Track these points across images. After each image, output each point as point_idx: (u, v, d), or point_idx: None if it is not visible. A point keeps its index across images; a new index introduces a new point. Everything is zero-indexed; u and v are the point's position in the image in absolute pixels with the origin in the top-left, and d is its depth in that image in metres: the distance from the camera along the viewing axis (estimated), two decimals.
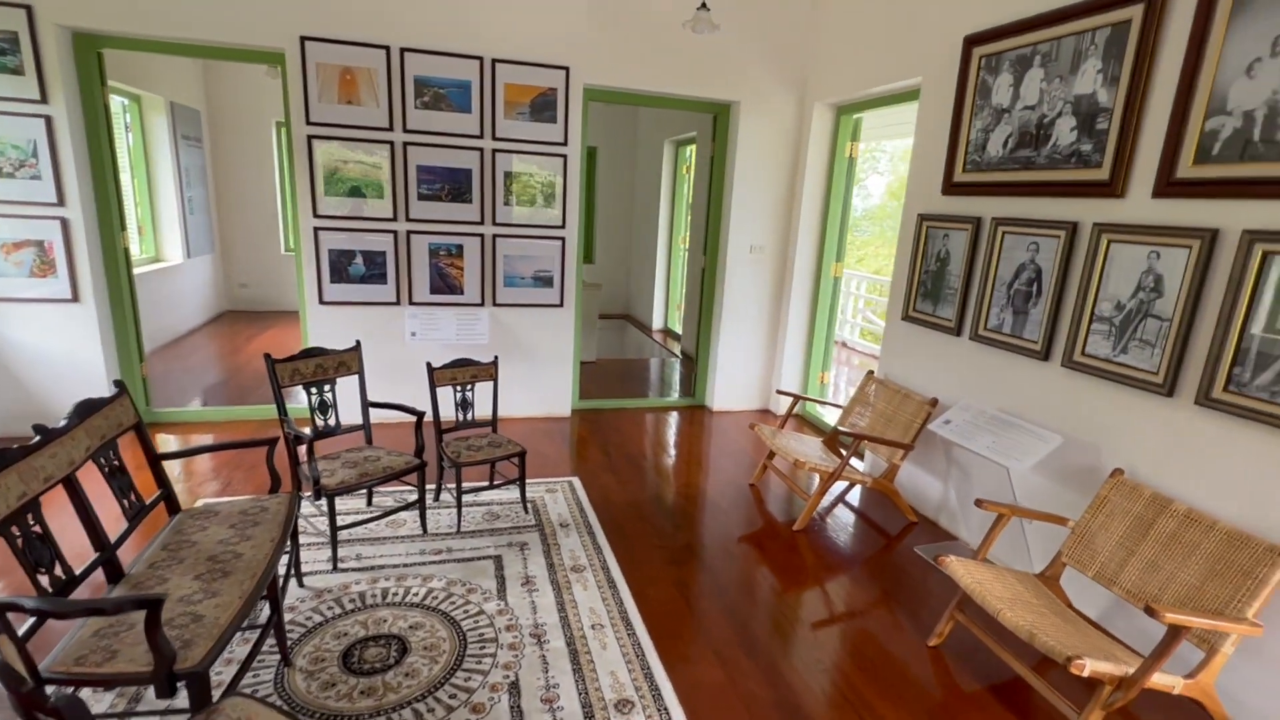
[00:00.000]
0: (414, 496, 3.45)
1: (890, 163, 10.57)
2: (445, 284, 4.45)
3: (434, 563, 2.87)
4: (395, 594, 2.62)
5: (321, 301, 4.26)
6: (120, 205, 4.02)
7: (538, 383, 4.77)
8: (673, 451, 4.38)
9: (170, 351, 6.25)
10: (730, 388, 5.22)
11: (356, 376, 3.18)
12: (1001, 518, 2.52)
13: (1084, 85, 2.69)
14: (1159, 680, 1.94)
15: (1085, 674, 1.86)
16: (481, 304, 4.54)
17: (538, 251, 4.58)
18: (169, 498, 2.34)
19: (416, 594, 2.63)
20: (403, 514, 3.23)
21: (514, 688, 2.16)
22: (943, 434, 3.07)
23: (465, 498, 3.44)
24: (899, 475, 3.56)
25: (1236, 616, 1.97)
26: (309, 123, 4.00)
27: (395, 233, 4.29)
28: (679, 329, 8.12)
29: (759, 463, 4.21)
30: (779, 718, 2.12)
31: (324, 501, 3.18)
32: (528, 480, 3.67)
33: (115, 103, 3.97)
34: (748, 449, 4.46)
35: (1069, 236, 2.75)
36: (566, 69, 4.34)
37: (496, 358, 3.50)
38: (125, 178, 5.43)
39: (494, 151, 4.34)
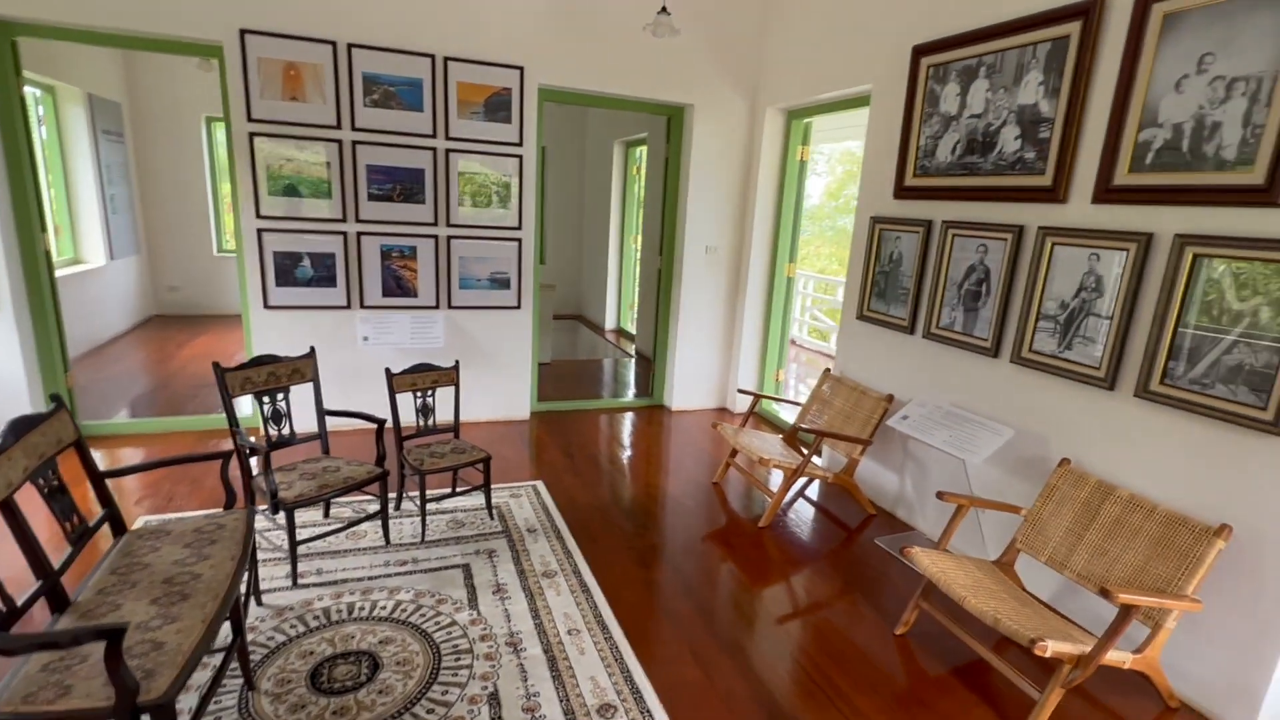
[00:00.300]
0: (374, 507, 3.35)
1: (828, 164, 10.88)
2: (398, 287, 4.33)
3: (400, 574, 2.79)
4: (362, 608, 2.54)
5: (266, 306, 4.08)
6: (40, 204, 3.75)
7: (496, 386, 4.69)
8: (635, 452, 4.39)
9: (94, 360, 5.86)
10: (688, 387, 5.27)
11: (311, 384, 3.06)
12: (961, 508, 2.63)
13: (1027, 96, 2.84)
14: (1112, 657, 2.07)
15: (1048, 655, 1.96)
16: (436, 307, 4.44)
17: (494, 253, 4.51)
18: (114, 518, 2.20)
19: (384, 607, 2.55)
20: (363, 525, 3.13)
21: (494, 699, 2.12)
22: (901, 429, 3.19)
23: (428, 506, 3.36)
24: (858, 470, 3.67)
25: (1178, 594, 2.11)
26: (250, 119, 3.82)
27: (345, 234, 4.14)
28: (633, 329, 8.14)
29: (720, 461, 4.26)
30: (759, 713, 2.16)
31: (281, 516, 3.05)
32: (491, 485, 3.61)
33: (27, 94, 3.69)
34: (708, 448, 4.51)
35: (1015, 239, 2.90)
36: (521, 69, 4.29)
37: (458, 362, 3.43)
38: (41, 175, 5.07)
39: (447, 151, 4.25)
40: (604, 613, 2.61)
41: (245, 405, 4.32)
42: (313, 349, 3.09)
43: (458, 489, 3.49)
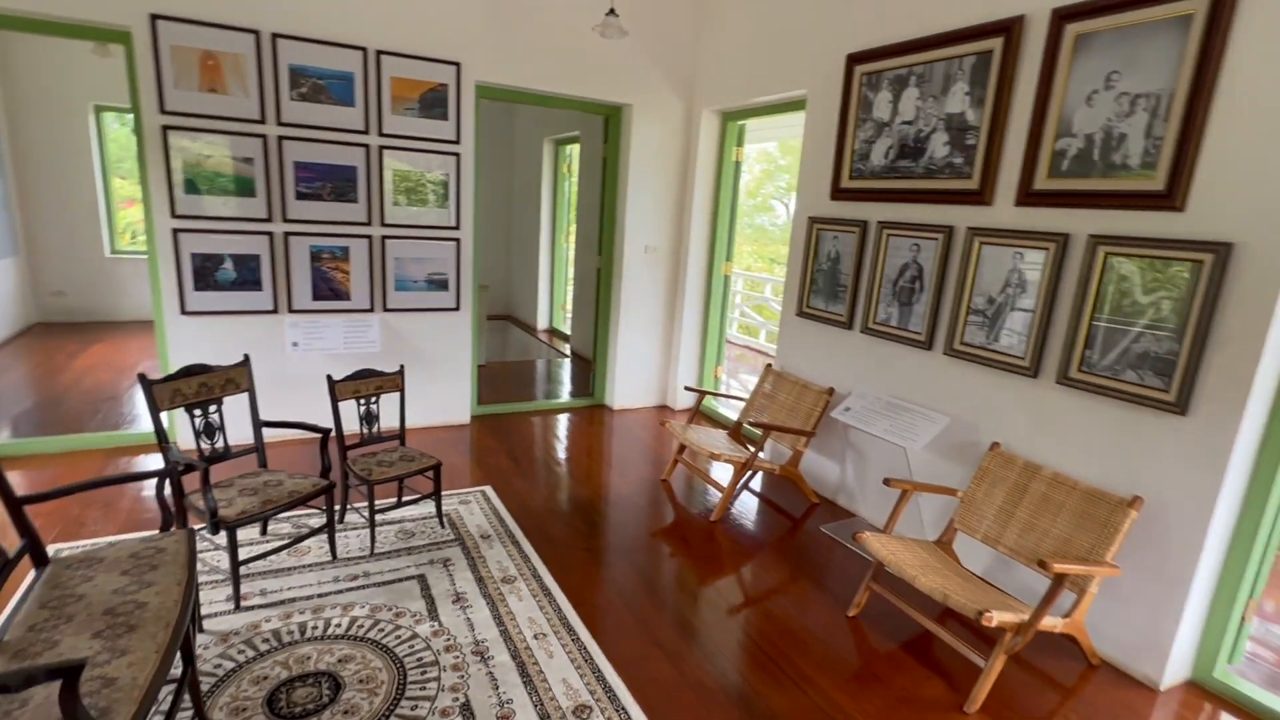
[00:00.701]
0: (316, 521, 3.19)
1: (746, 164, 11.19)
2: (330, 289, 4.14)
3: (352, 589, 2.68)
4: (315, 627, 2.42)
5: (184, 312, 3.81)
6: None
7: (435, 390, 4.57)
8: (581, 453, 4.38)
9: None
10: (629, 386, 5.30)
11: (246, 394, 2.89)
12: (905, 493, 2.79)
13: (954, 105, 3.03)
14: (1045, 622, 2.26)
15: (993, 624, 2.12)
16: (371, 310, 4.27)
17: (431, 253, 4.38)
18: (34, 548, 2.01)
19: (339, 625, 2.45)
20: (307, 541, 2.98)
21: (466, 709, 2.08)
22: (844, 420, 3.34)
23: (366, 514, 3.23)
24: (802, 461, 3.81)
25: (1099, 561, 2.33)
26: (164, 111, 3.55)
27: (271, 234, 3.92)
28: (567, 329, 8.10)
29: (666, 458, 4.32)
30: (730, 701, 2.22)
31: (221, 535, 2.87)
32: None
33: None
34: (654, 445, 4.56)
35: (946, 239, 3.09)
36: (458, 65, 4.19)
37: (402, 367, 3.32)
38: None
39: (381, 148, 4.10)
40: (569, 615, 2.60)
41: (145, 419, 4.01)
42: (246, 357, 2.92)
43: (404, 498, 3.39)
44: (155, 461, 3.75)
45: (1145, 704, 2.34)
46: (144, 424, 4.31)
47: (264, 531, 3.07)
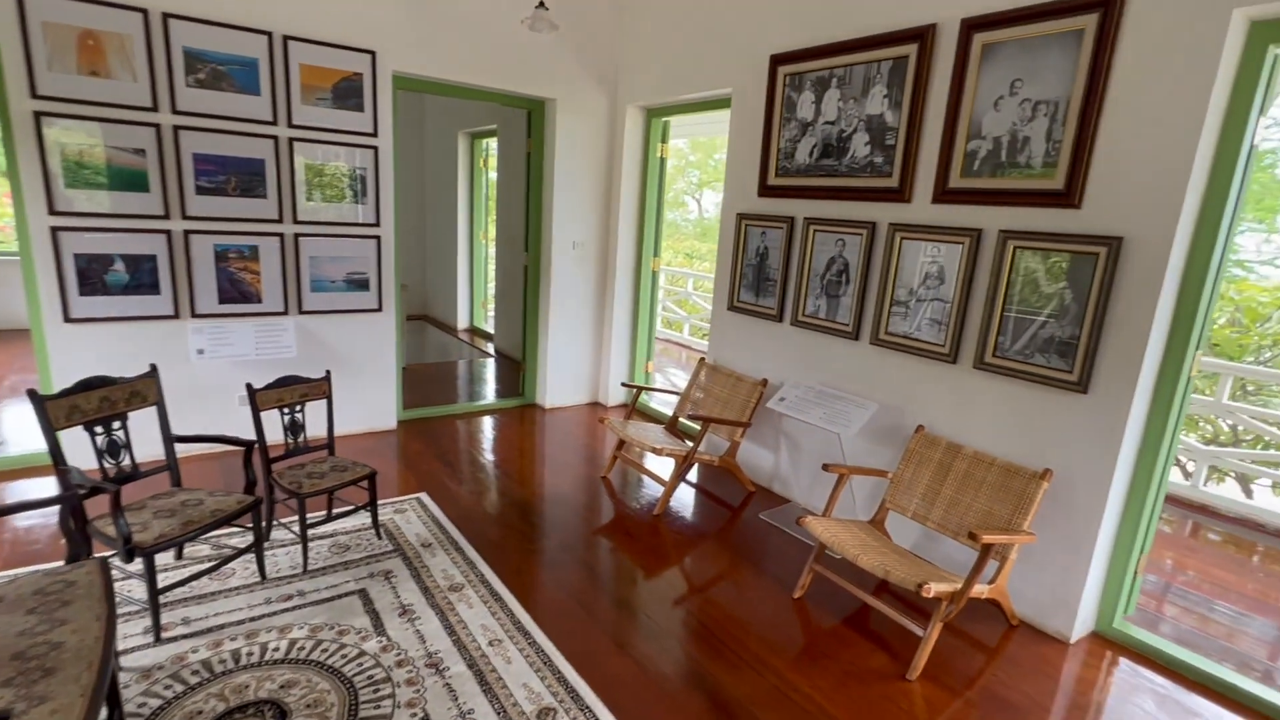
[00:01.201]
0: (239, 540, 2.98)
1: None
2: (238, 291, 3.86)
3: (287, 610, 2.52)
4: (250, 654, 2.27)
5: (68, 319, 3.44)
6: None
7: (359, 396, 4.36)
8: (517, 453, 4.31)
9: None
10: (561, 384, 5.26)
11: (155, 408, 2.66)
12: (842, 477, 2.92)
13: (874, 107, 3.20)
14: (975, 590, 2.44)
15: (931, 595, 2.26)
16: (285, 312, 4.02)
17: (350, 251, 4.17)
18: None
19: (277, 649, 2.30)
20: (231, 562, 2.78)
21: None
22: (780, 410, 3.46)
23: (296, 529, 3.05)
24: (738, 451, 3.91)
25: (1018, 530, 2.53)
26: (35, 96, 3.19)
27: (168, 232, 3.61)
28: (489, 328, 7.92)
29: (603, 455, 4.33)
30: (693, 691, 2.26)
31: (137, 562, 2.62)
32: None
33: None
34: (590, 442, 4.55)
35: (869, 234, 3.26)
36: (373, 53, 4.00)
37: (329, 372, 3.14)
38: None
39: (291, 140, 3.85)
40: (522, 618, 2.57)
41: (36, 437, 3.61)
42: (154, 367, 2.68)
43: (335, 511, 3.22)
44: (37, 488, 3.38)
45: (1058, 656, 2.58)
46: (16, 447, 3.88)
47: (179, 556, 2.83)
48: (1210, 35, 2.19)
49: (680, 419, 4.12)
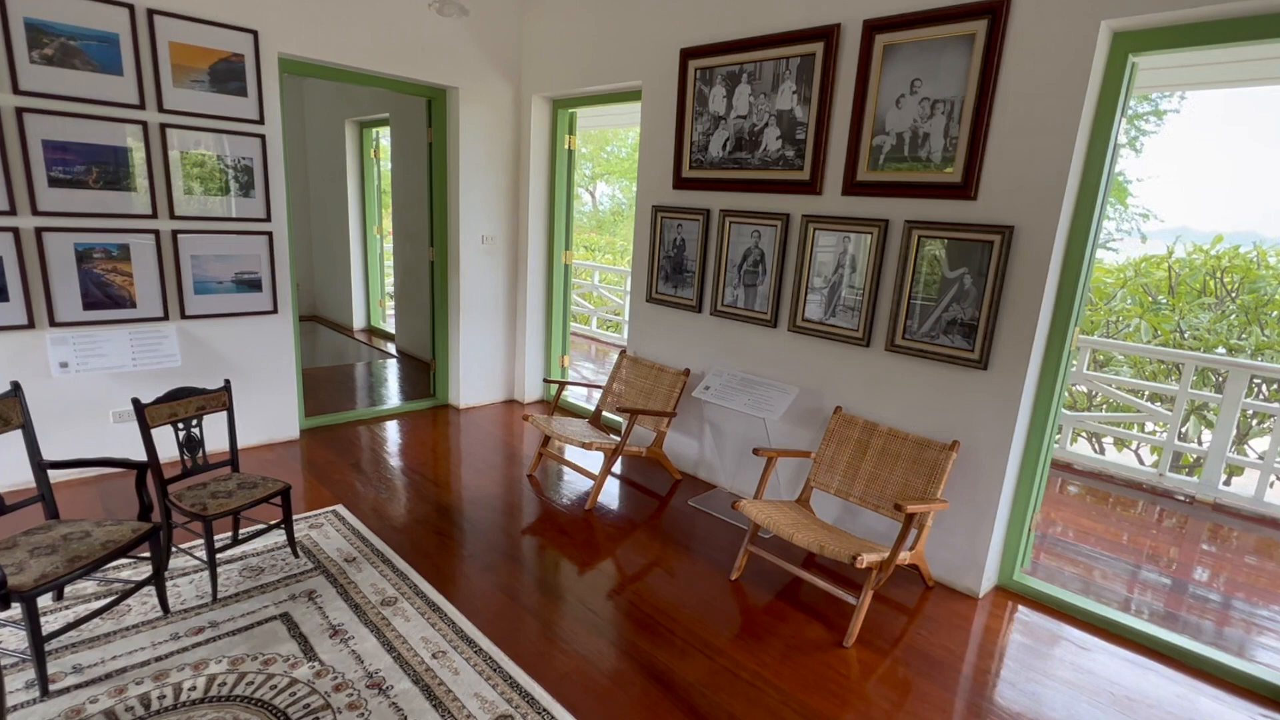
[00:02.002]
0: (128, 573, 2.68)
1: None
2: (107, 296, 3.45)
3: (199, 644, 2.30)
4: (162, 697, 2.05)
5: None
6: None
7: (256, 405, 4.02)
8: (436, 457, 4.14)
9: None
10: (475, 382, 5.10)
11: (20, 431, 2.33)
12: (771, 460, 3.04)
13: (784, 102, 3.32)
14: (900, 557, 2.61)
15: (864, 566, 2.41)
16: (165, 317, 3.63)
17: (238, 249, 3.83)
18: None
19: (194, 687, 2.10)
20: (124, 596, 2.49)
21: None
22: (705, 399, 3.54)
23: (202, 555, 2.79)
24: (664, 441, 3.97)
25: (934, 498, 2.74)
26: None
27: (15, 230, 3.16)
28: (389, 327, 7.54)
29: (525, 453, 4.25)
30: (647, 680, 2.28)
31: (16, 608, 2.29)
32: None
33: None
34: (511, 441, 4.45)
35: (783, 226, 3.39)
36: (255, 33, 3.67)
37: (228, 382, 2.88)
38: None
39: (163, 127, 3.48)
40: (464, 627, 2.48)
41: None
42: (16, 385, 2.35)
43: (241, 532, 2.97)
44: None
45: (970, 610, 2.82)
46: None
47: (59, 597, 2.51)
48: (1082, 44, 2.44)
49: (605, 412, 4.12)
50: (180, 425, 2.70)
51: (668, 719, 2.12)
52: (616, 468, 4.12)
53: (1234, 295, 5.56)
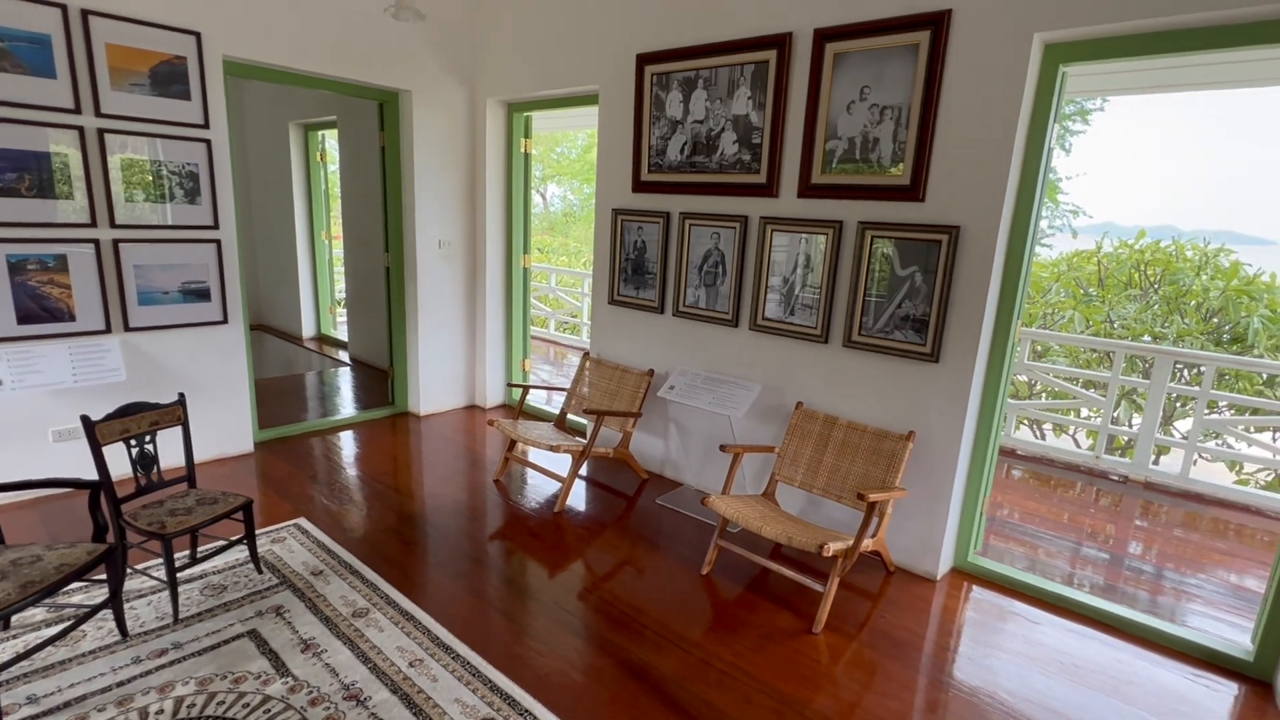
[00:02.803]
0: (80, 597, 2.57)
1: None
2: (44, 309, 3.29)
3: (164, 667, 2.23)
4: None
5: None
6: None
7: (208, 418, 3.89)
8: (399, 465, 4.09)
9: None
10: (435, 389, 5.04)
11: None
12: (737, 456, 3.12)
13: (739, 108, 3.40)
14: (863, 544, 2.72)
15: (830, 554, 2.50)
16: (107, 330, 3.49)
17: (184, 258, 3.70)
18: None
19: (161, 711, 2.04)
20: (80, 622, 2.39)
21: None
22: (670, 398, 3.60)
23: (159, 575, 2.69)
24: (630, 441, 4.01)
25: (893, 487, 2.86)
26: None
27: None
28: (341, 335, 7.37)
29: (490, 458, 4.24)
30: (628, 676, 2.32)
31: None
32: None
33: None
34: (475, 447, 4.42)
35: (742, 228, 3.47)
36: (198, 35, 3.56)
37: (182, 395, 2.79)
38: None
39: (101, 132, 3.34)
40: (440, 634, 2.47)
41: None
42: None
43: (200, 550, 2.88)
44: None
45: (929, 592, 2.96)
46: None
47: (5, 626, 2.39)
48: (1017, 55, 2.60)
49: (570, 415, 4.14)
50: (133, 442, 2.61)
51: (648, 712, 2.16)
52: (584, 469, 4.14)
53: (1156, 287, 5.94)
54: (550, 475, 3.77)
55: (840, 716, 2.19)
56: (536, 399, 5.32)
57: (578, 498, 3.76)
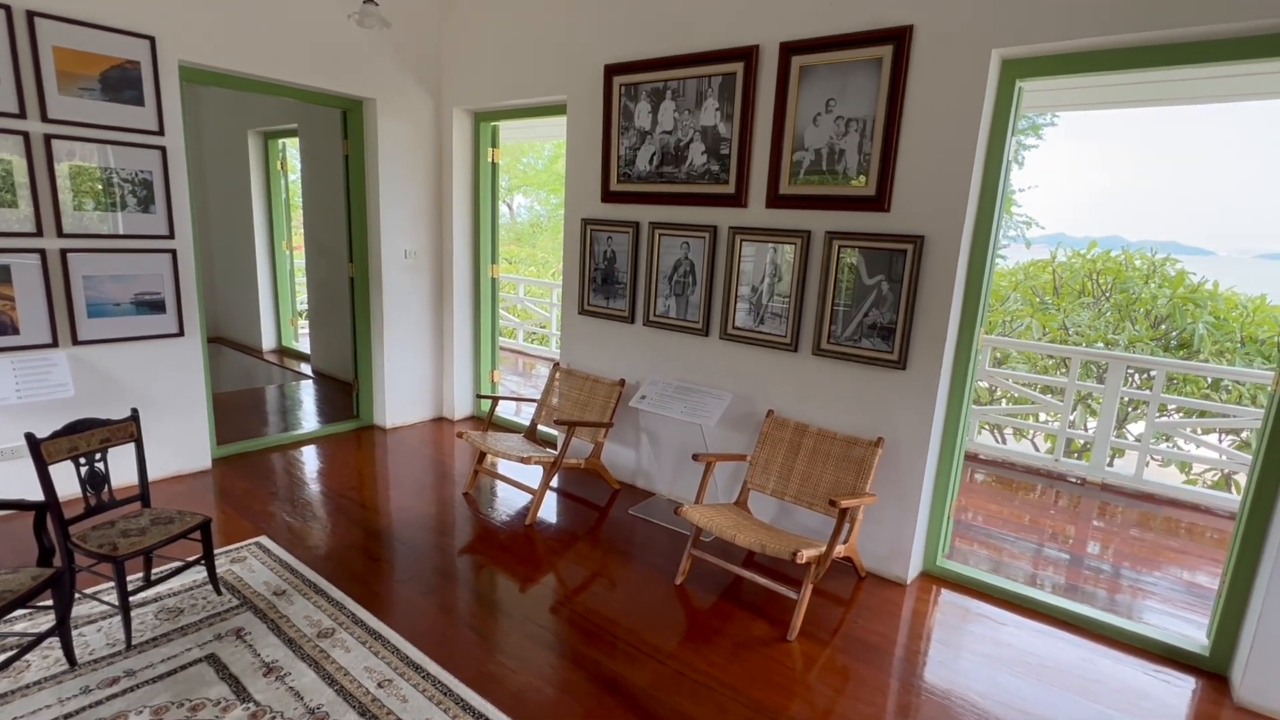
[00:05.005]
0: (23, 625, 2.44)
1: None
2: None
3: (115, 696, 2.13)
4: None
5: None
6: None
7: (163, 434, 3.75)
8: (365, 480, 3.99)
9: None
10: (401, 401, 4.95)
11: None
12: (710, 465, 3.12)
13: (708, 119, 3.44)
14: (836, 551, 2.74)
15: (804, 561, 2.52)
16: (54, 344, 3.34)
17: (137, 269, 3.57)
18: None
19: None
20: (25, 652, 2.27)
21: None
22: (642, 408, 3.59)
23: (111, 600, 2.58)
24: (602, 451, 3.98)
25: (864, 493, 2.90)
26: None
27: None
28: (304, 346, 7.19)
29: (459, 471, 4.17)
30: (600, 689, 2.29)
31: None
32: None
33: None
34: (443, 460, 4.34)
35: (711, 237, 3.50)
36: (152, 39, 3.46)
37: (136, 411, 2.68)
38: None
39: (47, 137, 3.21)
40: (409, 653, 2.41)
41: None
42: None
43: (155, 572, 2.77)
44: None
45: (899, 596, 2.99)
46: None
47: None
48: (976, 69, 2.68)
49: (540, 425, 4.09)
50: (82, 460, 2.49)
51: None
52: (555, 481, 4.10)
53: (1108, 295, 6.16)
54: (521, 487, 3.73)
55: None
56: (506, 410, 5.26)
57: (549, 510, 3.72)
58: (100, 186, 3.40)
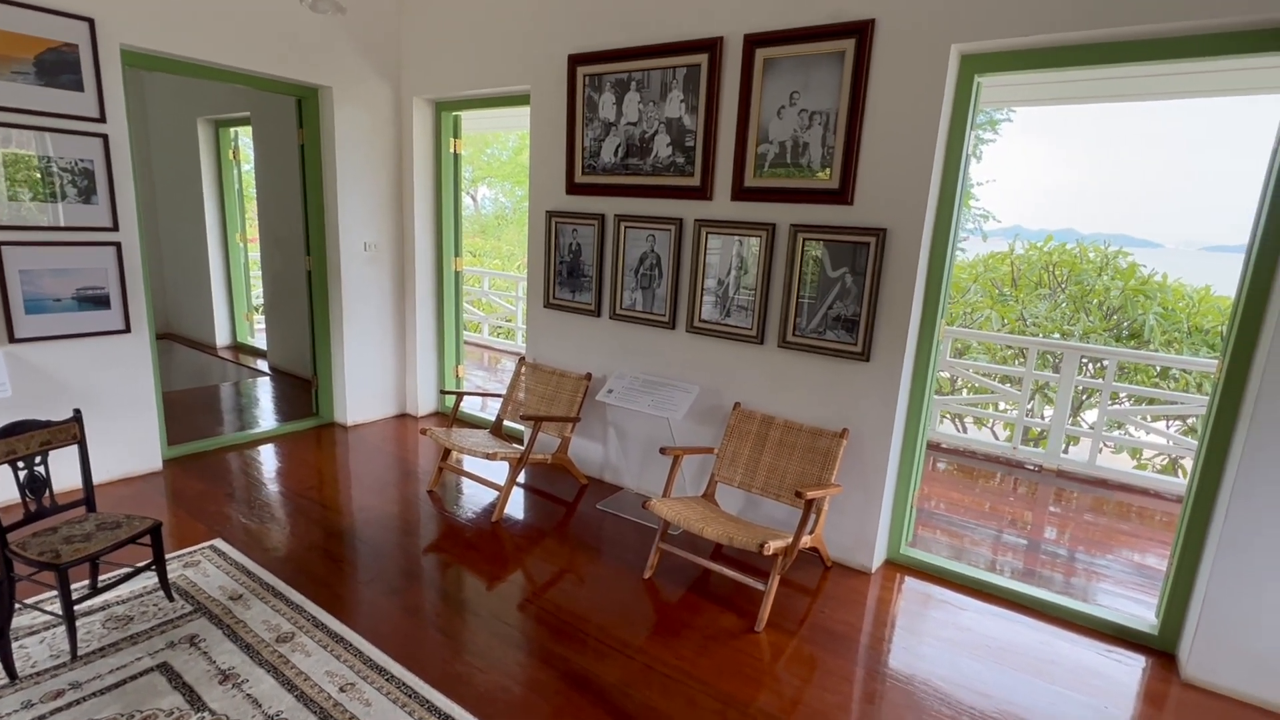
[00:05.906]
0: None
1: None
2: None
3: (59, 710, 2.04)
4: None
5: None
6: None
7: (110, 436, 3.60)
8: (325, 479, 3.89)
9: None
10: (363, 397, 4.84)
11: None
12: (677, 458, 3.12)
13: (673, 110, 3.41)
14: (802, 541, 2.77)
15: (771, 553, 2.53)
16: None
17: (79, 262, 3.41)
18: None
19: None
20: None
21: None
22: (609, 402, 3.56)
23: (54, 609, 2.46)
24: (569, 446, 3.95)
25: (829, 484, 2.92)
26: None
27: None
28: (260, 342, 6.99)
29: (422, 468, 4.10)
30: (569, 687, 2.27)
31: None
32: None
33: None
34: (406, 457, 4.26)
35: (677, 230, 3.48)
36: (90, 21, 3.30)
37: (78, 412, 2.56)
38: None
39: None
40: (372, 655, 2.36)
41: None
42: None
43: (101, 579, 2.66)
44: None
45: (864, 585, 3.04)
46: None
47: None
48: (936, 64, 2.70)
49: (506, 421, 4.04)
50: (20, 464, 2.37)
51: None
52: (522, 476, 4.05)
53: (1064, 287, 6.34)
54: (487, 484, 3.68)
55: (783, 713, 2.21)
56: (471, 406, 5.18)
57: (516, 506, 3.68)
58: (38, 176, 3.24)
